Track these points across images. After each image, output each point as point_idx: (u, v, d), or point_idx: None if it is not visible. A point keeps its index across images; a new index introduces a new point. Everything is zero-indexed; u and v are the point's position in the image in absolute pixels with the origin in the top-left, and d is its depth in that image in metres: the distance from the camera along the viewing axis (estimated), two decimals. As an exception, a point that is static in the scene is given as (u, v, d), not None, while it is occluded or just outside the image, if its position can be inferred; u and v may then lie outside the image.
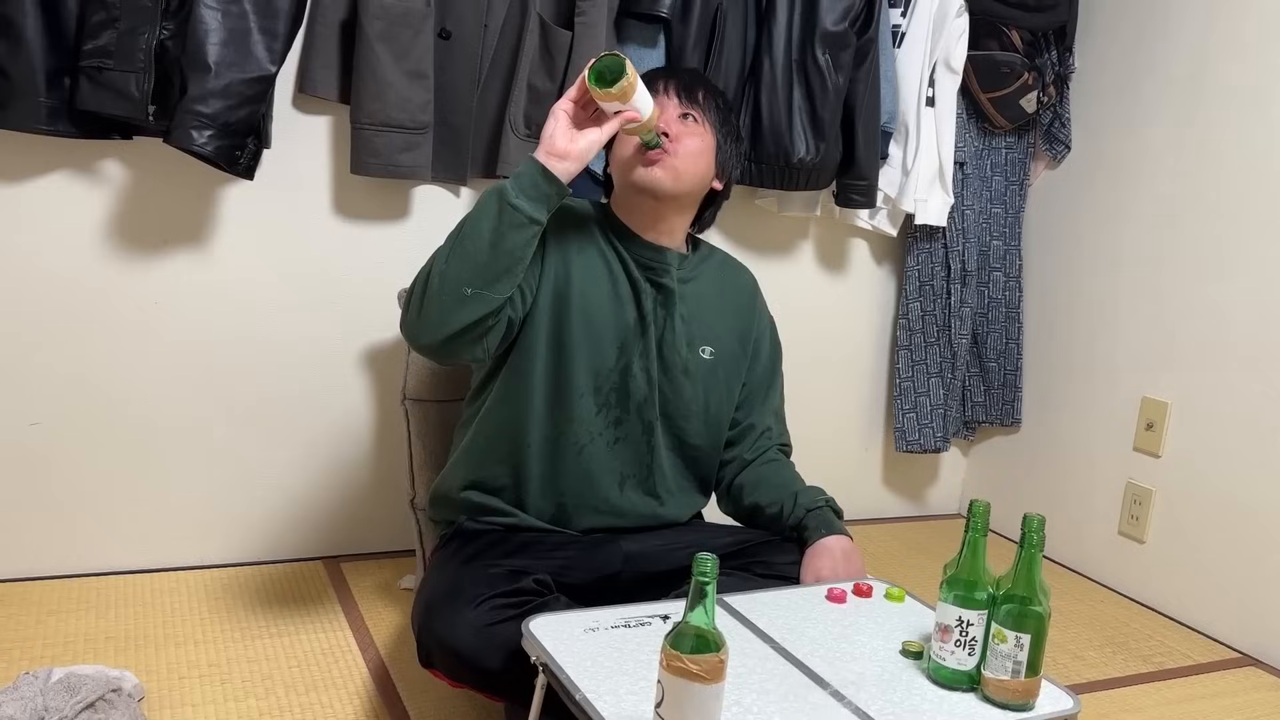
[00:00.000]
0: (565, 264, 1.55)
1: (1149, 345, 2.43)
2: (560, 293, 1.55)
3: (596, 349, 1.56)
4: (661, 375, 1.61)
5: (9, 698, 1.41)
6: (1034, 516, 1.16)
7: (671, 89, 1.58)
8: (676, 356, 1.61)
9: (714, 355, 1.65)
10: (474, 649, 1.38)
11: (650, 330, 1.59)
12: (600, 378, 1.57)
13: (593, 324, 1.56)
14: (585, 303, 1.55)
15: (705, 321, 1.65)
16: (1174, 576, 2.36)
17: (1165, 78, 2.41)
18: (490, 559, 1.50)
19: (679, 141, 1.54)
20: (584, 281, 1.56)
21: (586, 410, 1.57)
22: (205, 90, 1.75)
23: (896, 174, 2.51)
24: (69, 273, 1.94)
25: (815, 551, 1.56)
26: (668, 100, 1.57)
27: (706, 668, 1.01)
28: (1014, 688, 1.18)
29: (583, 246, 1.58)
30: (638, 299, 1.59)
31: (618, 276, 1.59)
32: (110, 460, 2.04)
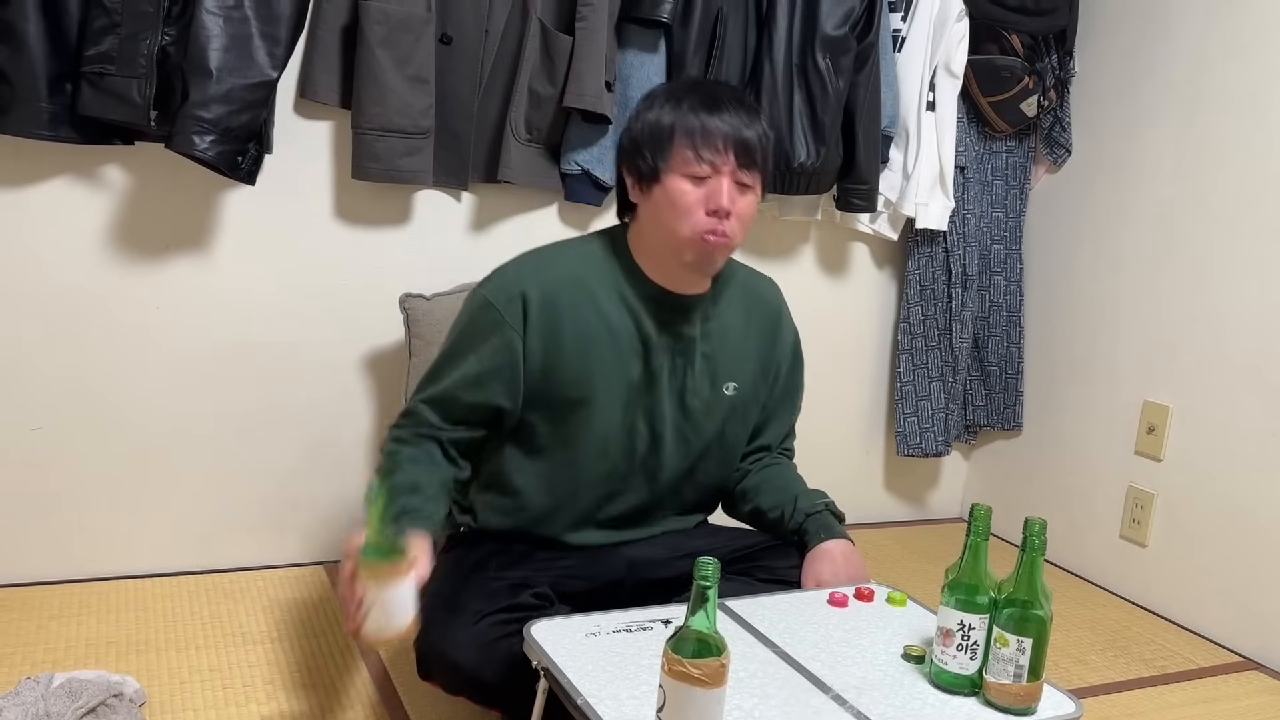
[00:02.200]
0: (555, 341, 1.48)
1: (1150, 349, 2.43)
2: (549, 373, 1.48)
3: (599, 417, 1.51)
4: (681, 420, 1.56)
5: (10, 703, 1.41)
6: (1035, 520, 1.16)
7: (730, 152, 1.42)
8: (697, 400, 1.56)
9: (737, 390, 1.60)
10: (473, 665, 1.38)
11: (660, 383, 1.53)
12: (607, 442, 1.53)
13: (593, 393, 1.50)
14: (581, 374, 1.49)
15: (730, 356, 1.59)
16: (1176, 580, 2.35)
17: (1165, 81, 2.41)
18: (491, 571, 1.50)
19: (736, 218, 1.43)
20: (577, 353, 1.48)
21: (591, 473, 1.54)
22: (207, 95, 1.75)
23: (897, 178, 2.51)
24: (70, 278, 1.95)
25: (815, 556, 1.56)
26: (723, 163, 1.42)
27: (708, 672, 1.01)
28: (1016, 692, 1.18)
29: (577, 313, 1.48)
30: (645, 355, 1.52)
31: (621, 336, 1.50)
32: (111, 465, 2.04)
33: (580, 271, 1.51)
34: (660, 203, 1.44)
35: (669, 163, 1.42)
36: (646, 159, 1.44)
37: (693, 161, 1.41)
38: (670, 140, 1.43)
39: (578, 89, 2.05)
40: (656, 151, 1.44)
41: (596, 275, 1.51)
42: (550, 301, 1.47)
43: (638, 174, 1.47)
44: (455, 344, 1.51)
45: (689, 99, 1.44)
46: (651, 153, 1.44)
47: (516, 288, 1.48)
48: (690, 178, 1.42)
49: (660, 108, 1.45)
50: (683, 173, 1.42)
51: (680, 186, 1.42)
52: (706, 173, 1.41)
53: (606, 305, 1.50)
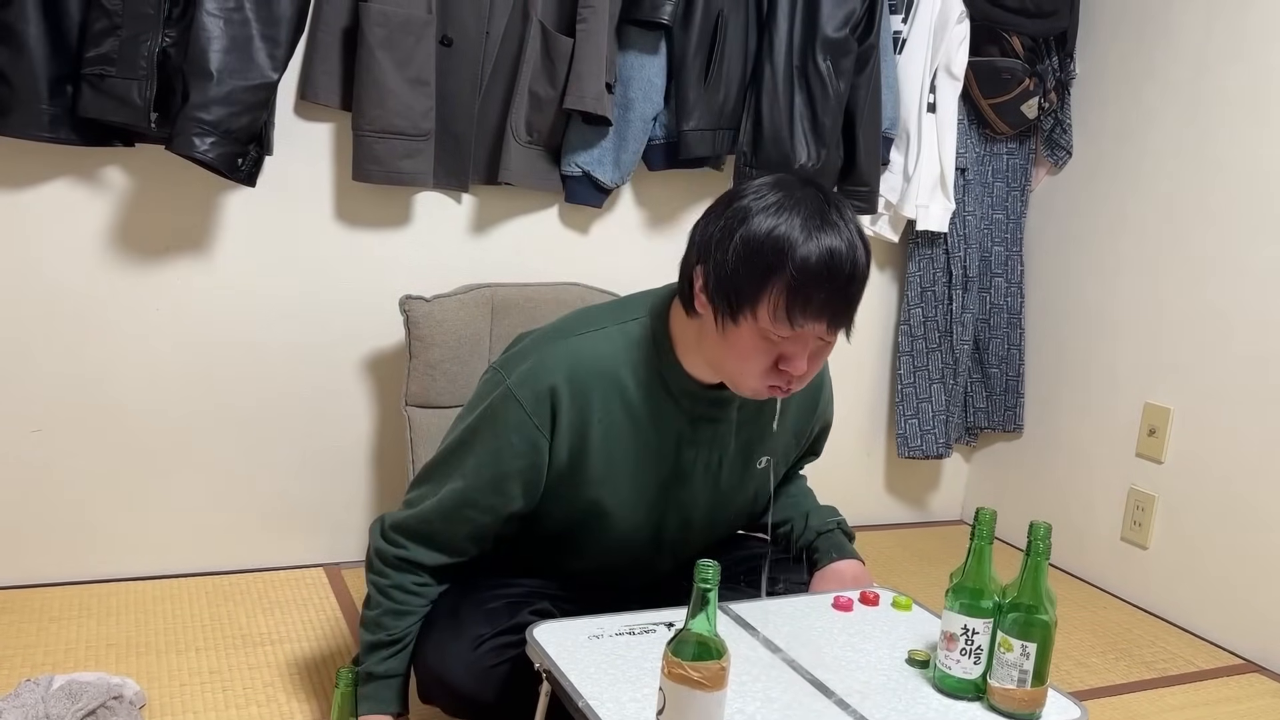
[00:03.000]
0: (581, 440, 1.37)
1: (1151, 351, 2.43)
2: (573, 472, 1.39)
3: (625, 516, 1.43)
4: (713, 501, 1.48)
5: (10, 705, 1.41)
6: (1040, 524, 1.16)
7: (824, 321, 1.25)
8: (732, 479, 1.49)
9: (769, 462, 1.52)
10: (473, 690, 1.39)
11: (693, 479, 1.45)
12: (633, 536, 1.46)
13: (617, 492, 1.41)
14: (607, 474, 1.39)
15: (765, 434, 1.49)
16: (1177, 582, 2.35)
17: (1166, 83, 2.41)
18: (491, 586, 1.48)
19: (813, 366, 1.30)
20: (604, 453, 1.38)
21: (615, 563, 1.50)
22: (207, 97, 1.75)
23: (898, 180, 2.51)
24: (71, 279, 1.94)
25: (824, 576, 1.55)
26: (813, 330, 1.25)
27: (708, 675, 1.01)
28: (1020, 697, 1.17)
29: (607, 412, 1.36)
30: (678, 453, 1.42)
31: (649, 436, 1.39)
32: (111, 467, 2.03)
33: (612, 362, 1.37)
34: (729, 343, 1.28)
35: (754, 314, 1.24)
36: (731, 294, 1.25)
37: (782, 323, 1.23)
38: (764, 288, 1.23)
39: (578, 91, 2.05)
40: (744, 294, 1.24)
41: (629, 365, 1.37)
42: (580, 398, 1.35)
43: (713, 296, 1.28)
44: (472, 433, 1.39)
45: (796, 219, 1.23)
46: (738, 292, 1.25)
47: (545, 382, 1.34)
48: (770, 338, 1.26)
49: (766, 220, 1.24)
50: (764, 327, 1.25)
51: (755, 343, 1.26)
52: (789, 334, 1.25)
53: (639, 404, 1.38)
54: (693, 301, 1.32)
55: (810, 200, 1.26)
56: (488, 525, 1.40)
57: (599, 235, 2.34)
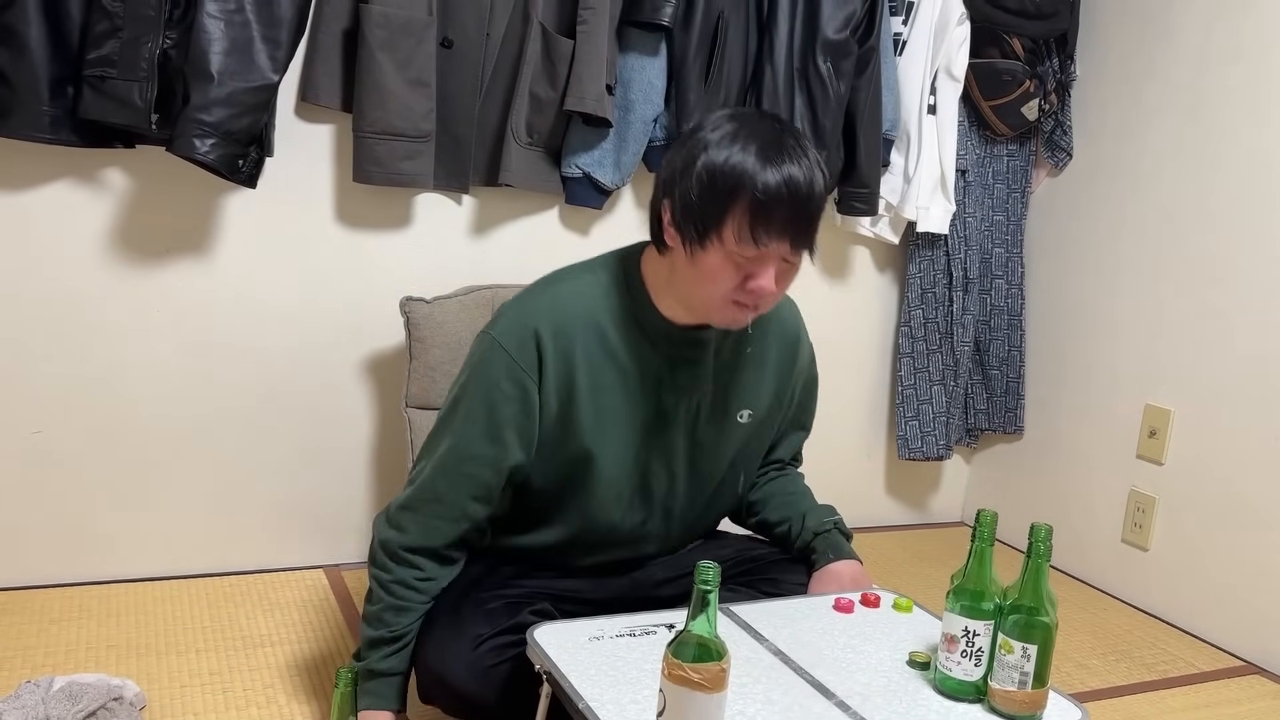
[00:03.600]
0: (568, 385, 1.40)
1: (1152, 352, 2.43)
2: (563, 418, 1.42)
3: (612, 460, 1.45)
4: (693, 450, 1.51)
5: (10, 706, 1.41)
6: (1041, 526, 1.16)
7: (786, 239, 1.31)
8: (710, 429, 1.51)
9: (751, 417, 1.54)
10: (473, 690, 1.39)
11: (675, 422, 1.47)
12: (621, 483, 1.48)
13: (605, 436, 1.43)
14: (594, 418, 1.42)
15: (744, 383, 1.53)
16: (1177, 584, 2.35)
17: (1166, 84, 2.41)
18: (491, 586, 1.48)
19: (777, 295, 1.37)
20: (591, 396, 1.41)
21: (606, 515, 1.50)
22: (208, 99, 1.75)
23: (898, 181, 2.51)
24: (71, 281, 1.94)
25: (822, 577, 1.55)
26: (777, 248, 1.31)
27: (708, 676, 1.01)
28: (1021, 699, 1.17)
29: (589, 355, 1.41)
30: (659, 394, 1.45)
31: (631, 377, 1.43)
32: (112, 468, 2.03)
33: (590, 307, 1.42)
34: (698, 269, 1.33)
35: (719, 238, 1.30)
36: (696, 221, 1.31)
37: (746, 243, 1.29)
38: (727, 213, 1.29)
39: (579, 92, 2.05)
40: (709, 219, 1.30)
41: (607, 311, 1.42)
42: (563, 343, 1.39)
43: (680, 226, 1.34)
44: (464, 390, 1.42)
45: (754, 150, 1.29)
46: (703, 218, 1.30)
47: (528, 327, 1.39)
48: (736, 258, 1.30)
49: (724, 152, 1.30)
50: (730, 250, 1.30)
51: (723, 265, 1.31)
52: (755, 255, 1.30)
53: (618, 345, 1.42)
54: (663, 235, 1.38)
55: (767, 130, 1.33)
56: (489, 481, 1.41)
57: (599, 237, 2.33)
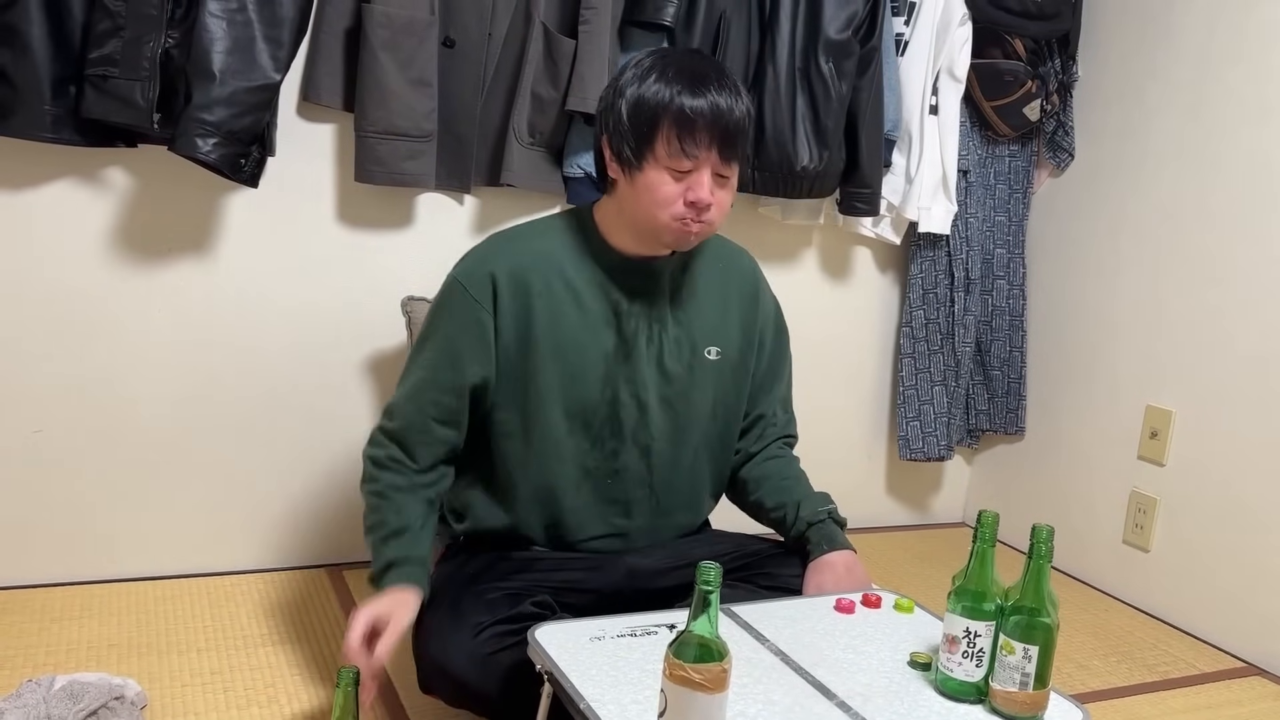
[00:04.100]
0: (525, 318, 1.50)
1: (1153, 353, 2.43)
2: (523, 350, 1.50)
3: (577, 390, 1.52)
4: (665, 386, 1.56)
5: (12, 705, 1.41)
6: (1043, 527, 1.16)
7: (714, 148, 1.41)
8: (679, 365, 1.57)
9: (721, 355, 1.60)
10: (474, 678, 1.39)
11: (637, 351, 1.54)
12: (589, 414, 1.53)
13: (568, 365, 1.51)
14: (555, 348, 1.50)
15: (708, 320, 1.59)
16: (1178, 585, 2.35)
17: (1167, 85, 2.41)
18: (491, 579, 1.49)
19: (716, 208, 1.45)
20: (550, 327, 1.50)
21: (580, 450, 1.54)
22: (210, 98, 1.75)
23: (900, 182, 2.51)
24: (73, 280, 1.94)
25: (817, 567, 1.56)
26: (706, 158, 1.41)
27: (709, 677, 1.01)
28: (1022, 700, 1.17)
29: (547, 288, 1.50)
30: (618, 323, 1.53)
31: (589, 307, 1.52)
32: (113, 468, 2.03)
33: (547, 246, 1.53)
34: (640, 189, 1.44)
35: (652, 154, 1.42)
36: (630, 144, 1.43)
37: (676, 156, 1.41)
38: (655, 130, 1.41)
39: (580, 92, 2.05)
40: (640, 139, 1.42)
41: (563, 248, 1.53)
42: (520, 279, 1.49)
43: (619, 155, 1.46)
44: (428, 326, 1.54)
45: (678, 79, 1.41)
46: (635, 140, 1.42)
47: (485, 269, 1.50)
48: (671, 170, 1.42)
49: (647, 85, 1.42)
50: (665, 165, 1.42)
51: (661, 178, 1.42)
52: (688, 166, 1.41)
53: (575, 277, 1.52)
54: (608, 173, 1.50)
55: (690, 63, 1.44)
56: (453, 405, 1.51)
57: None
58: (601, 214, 1.55)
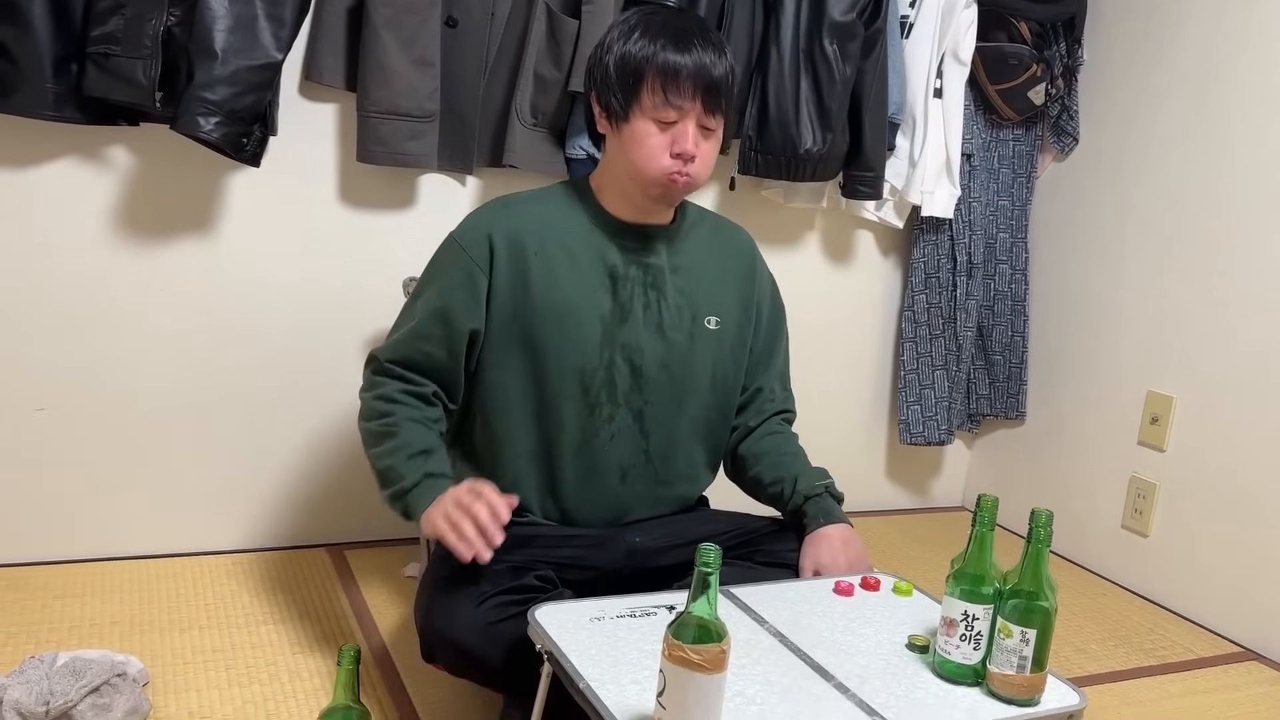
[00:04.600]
0: (522, 278, 1.51)
1: (1154, 339, 2.43)
2: (519, 311, 1.52)
3: (573, 351, 1.53)
4: (665, 352, 1.57)
5: (15, 681, 1.42)
6: (1042, 512, 1.16)
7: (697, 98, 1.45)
8: (678, 333, 1.58)
9: (720, 325, 1.62)
10: (477, 647, 1.39)
11: (634, 315, 1.55)
12: (586, 377, 1.54)
13: (564, 327, 1.52)
14: (551, 309, 1.52)
15: (707, 291, 1.61)
16: (1177, 570, 2.36)
17: (1173, 70, 2.40)
18: (493, 554, 1.50)
19: (700, 160, 1.49)
20: (546, 288, 1.52)
21: (576, 413, 1.55)
22: (212, 77, 1.75)
23: (903, 165, 2.51)
24: (74, 258, 1.94)
25: (814, 540, 1.57)
26: (690, 108, 1.46)
27: (708, 658, 1.01)
28: (1019, 683, 1.18)
29: (543, 249, 1.53)
30: (614, 287, 1.55)
31: (587, 270, 1.54)
32: (116, 446, 2.04)
33: (544, 210, 1.56)
34: (627, 141, 1.48)
35: (638, 104, 1.46)
36: (617, 96, 1.47)
37: (661, 106, 1.44)
38: (640, 82, 1.45)
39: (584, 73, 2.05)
40: (626, 91, 1.46)
41: (560, 212, 1.56)
42: (516, 241, 1.52)
43: (607, 109, 1.50)
44: (421, 283, 1.58)
45: (662, 35, 1.46)
46: (622, 92, 1.47)
47: (483, 231, 1.53)
48: (657, 121, 1.45)
49: (633, 41, 1.47)
50: (650, 116, 1.45)
51: (647, 129, 1.46)
52: (673, 117, 1.45)
53: (571, 240, 1.54)
54: (599, 130, 1.54)
55: (674, 21, 1.49)
56: (443, 357, 1.53)
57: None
58: (597, 179, 1.59)
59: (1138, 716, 1.84)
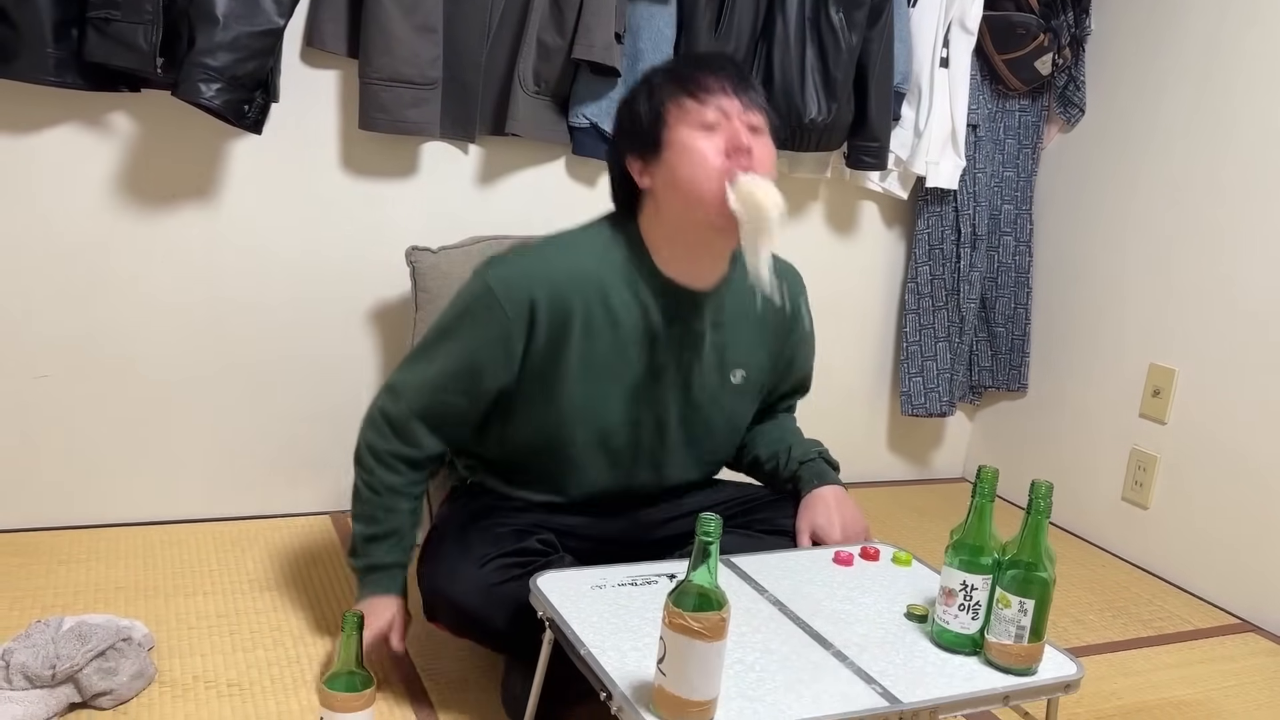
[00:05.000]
0: (559, 340, 1.43)
1: (1158, 312, 2.42)
2: (551, 369, 1.45)
3: (598, 413, 1.48)
4: (686, 407, 1.53)
5: (21, 645, 1.43)
6: (1042, 483, 1.17)
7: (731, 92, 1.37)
8: (703, 392, 1.54)
9: (744, 379, 1.58)
10: (479, 608, 1.40)
11: (665, 376, 1.50)
12: (608, 435, 1.51)
13: (595, 390, 1.46)
14: (584, 371, 1.45)
15: (740, 343, 1.55)
16: (1176, 542, 2.37)
17: (1182, 41, 2.38)
18: (497, 516, 1.51)
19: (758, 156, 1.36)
20: (583, 351, 1.44)
21: (593, 462, 1.53)
22: (213, 43, 1.73)
23: (908, 136, 2.49)
24: (76, 224, 1.94)
25: (809, 502, 1.58)
26: (728, 104, 1.36)
27: (708, 625, 1.02)
28: (1016, 652, 1.19)
29: (587, 312, 1.43)
30: (651, 349, 1.47)
31: (626, 333, 1.45)
32: (119, 412, 2.04)
33: (592, 265, 1.44)
34: (674, 165, 1.37)
35: (670, 118, 1.37)
36: (644, 129, 1.40)
37: (695, 108, 1.36)
38: (665, 101, 1.38)
39: (587, 40, 2.03)
40: (653, 120, 1.39)
41: (610, 269, 1.45)
42: (560, 305, 1.42)
43: (639, 151, 1.41)
44: (453, 320, 1.46)
45: (675, 65, 1.43)
46: (649, 121, 1.39)
47: (526, 292, 1.41)
48: (699, 127, 1.36)
49: (649, 85, 1.42)
50: (689, 124, 1.36)
51: (691, 137, 1.36)
52: (714, 118, 1.36)
53: (615, 301, 1.44)
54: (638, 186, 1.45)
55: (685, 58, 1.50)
56: (464, 409, 1.48)
57: (606, 188, 2.31)
58: (647, 228, 1.46)
59: (1134, 687, 1.86)
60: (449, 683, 1.62)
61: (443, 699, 1.57)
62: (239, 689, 1.55)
